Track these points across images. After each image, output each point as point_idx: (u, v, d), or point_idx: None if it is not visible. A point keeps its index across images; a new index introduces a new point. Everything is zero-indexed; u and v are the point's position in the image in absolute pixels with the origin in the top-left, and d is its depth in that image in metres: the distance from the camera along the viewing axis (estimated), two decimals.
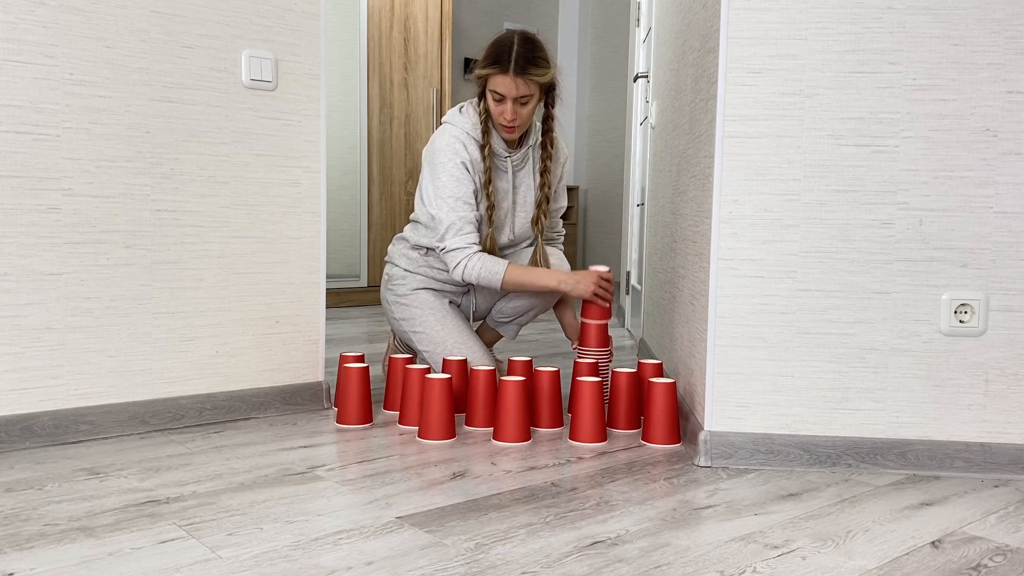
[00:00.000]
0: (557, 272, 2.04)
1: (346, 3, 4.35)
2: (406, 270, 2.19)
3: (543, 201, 2.15)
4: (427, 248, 2.17)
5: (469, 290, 2.25)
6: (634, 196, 3.61)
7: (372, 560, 1.16)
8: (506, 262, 2.02)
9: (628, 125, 3.91)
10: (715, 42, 1.66)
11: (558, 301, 2.25)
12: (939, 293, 1.62)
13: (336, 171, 4.33)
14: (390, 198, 4.51)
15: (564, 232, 2.34)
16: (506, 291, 2.15)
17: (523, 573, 1.13)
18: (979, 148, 1.59)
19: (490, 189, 2.07)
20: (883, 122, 1.60)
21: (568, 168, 2.28)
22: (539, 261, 2.15)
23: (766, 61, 1.60)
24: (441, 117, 2.26)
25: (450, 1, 4.64)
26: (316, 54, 2.03)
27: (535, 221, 2.16)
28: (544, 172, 2.15)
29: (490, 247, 2.10)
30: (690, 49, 2.03)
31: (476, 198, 2.07)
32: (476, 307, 2.28)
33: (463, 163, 2.03)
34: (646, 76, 3.34)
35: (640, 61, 3.59)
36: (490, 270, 2.01)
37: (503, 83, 1.97)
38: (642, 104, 3.43)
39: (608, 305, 2.04)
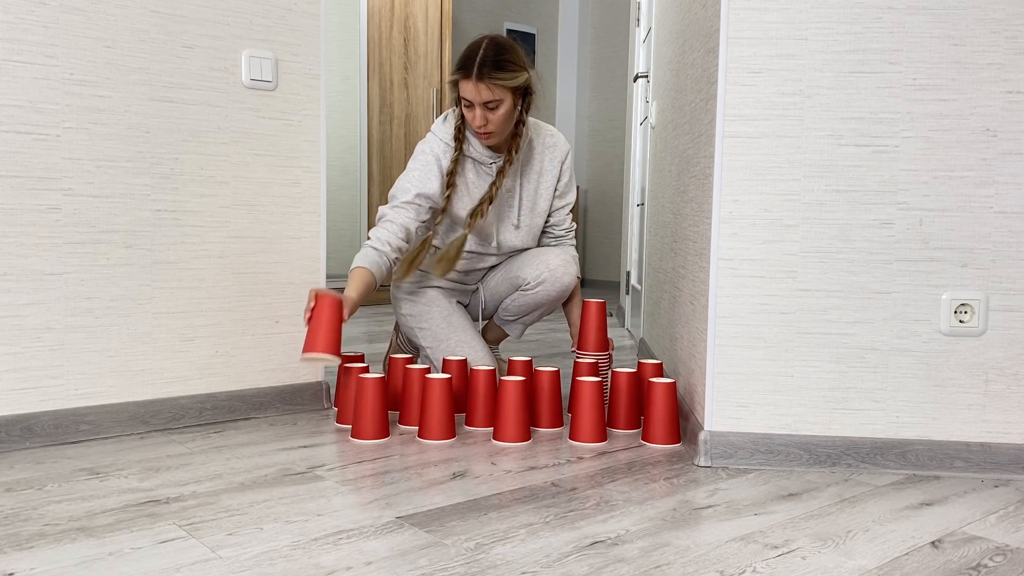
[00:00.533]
0: (352, 287, 1.92)
1: (346, 3, 4.35)
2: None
3: (486, 200, 2.08)
4: (435, 248, 2.19)
5: (478, 288, 2.27)
6: (634, 196, 3.61)
7: (372, 560, 1.16)
8: (359, 264, 1.95)
9: (628, 125, 3.91)
10: (715, 42, 1.67)
11: (566, 300, 2.25)
12: (939, 293, 1.62)
13: (336, 171, 4.33)
14: None
15: (574, 227, 2.32)
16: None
17: (523, 573, 1.13)
18: (979, 148, 1.59)
19: (449, 193, 2.06)
20: (883, 122, 1.60)
21: (570, 163, 2.25)
22: (449, 252, 2.07)
23: (766, 61, 1.60)
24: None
25: (450, 1, 4.64)
26: (316, 54, 2.03)
27: (472, 215, 2.08)
28: (499, 173, 2.09)
29: (421, 246, 2.08)
30: (690, 49, 2.03)
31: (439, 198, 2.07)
32: (485, 305, 2.29)
33: (423, 188, 2.04)
34: (646, 76, 3.34)
35: (640, 61, 3.59)
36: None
37: (467, 88, 1.96)
38: (642, 104, 3.44)
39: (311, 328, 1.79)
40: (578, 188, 6.28)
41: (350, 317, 1.85)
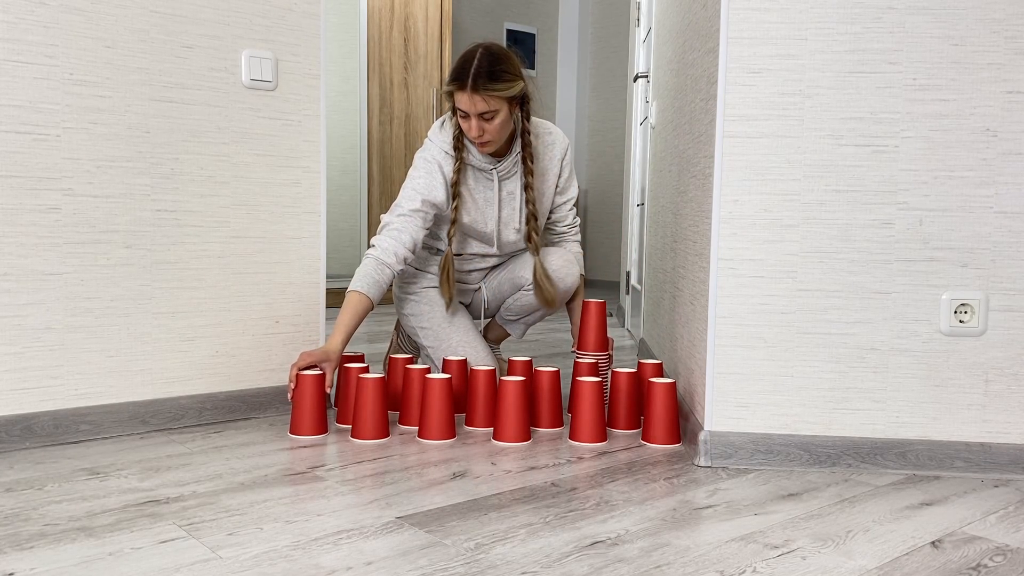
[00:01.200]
0: (341, 325, 1.91)
1: (346, 3, 4.35)
2: (417, 268, 2.22)
3: (531, 218, 2.12)
4: (437, 248, 2.19)
5: (480, 288, 2.27)
6: (634, 196, 3.61)
7: (372, 560, 1.16)
8: (357, 287, 1.94)
9: (628, 125, 3.91)
10: (715, 42, 1.67)
11: (570, 299, 2.25)
12: (939, 293, 1.62)
13: (336, 171, 4.33)
14: (390, 198, 4.51)
15: (578, 222, 2.31)
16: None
17: (523, 573, 1.13)
18: (979, 148, 1.59)
19: (456, 203, 2.06)
20: (883, 122, 1.60)
21: (569, 158, 2.24)
22: (539, 277, 2.11)
23: (766, 61, 1.60)
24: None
25: (450, 1, 4.64)
26: (316, 54, 2.03)
27: (527, 238, 2.14)
28: (527, 188, 2.11)
29: (446, 263, 2.09)
30: (690, 49, 2.03)
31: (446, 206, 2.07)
32: (488, 304, 2.29)
33: (429, 195, 2.03)
34: (646, 76, 3.34)
35: (640, 61, 3.59)
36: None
37: (462, 100, 1.95)
38: (642, 104, 3.44)
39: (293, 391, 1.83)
40: (579, 188, 6.27)
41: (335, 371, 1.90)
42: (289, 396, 1.83)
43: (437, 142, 2.08)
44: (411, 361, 2.11)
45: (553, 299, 2.13)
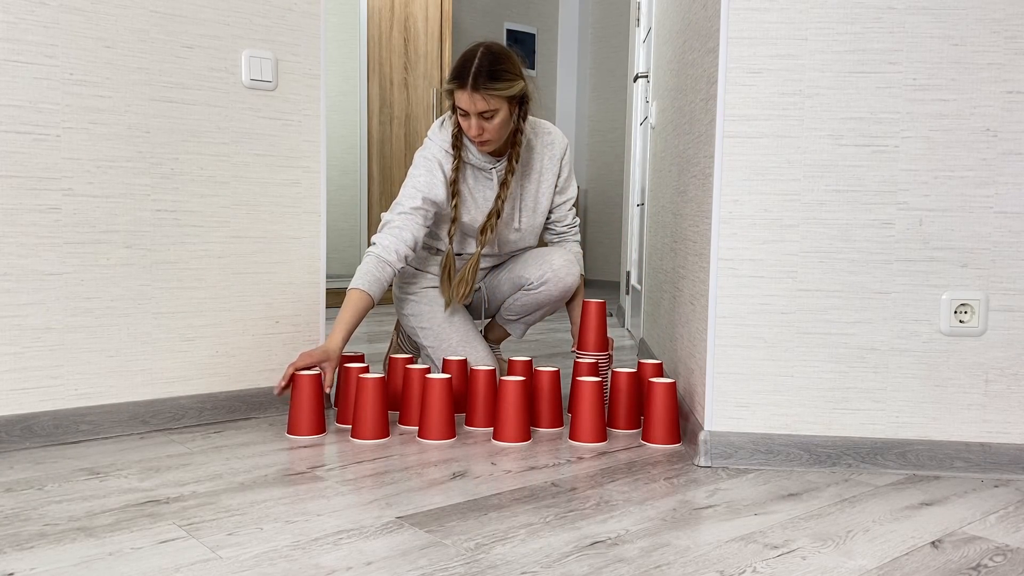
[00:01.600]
0: (341, 323, 1.91)
1: (346, 3, 4.35)
2: (416, 268, 2.22)
3: (494, 214, 2.09)
4: (437, 248, 2.19)
5: (480, 288, 2.27)
6: (634, 196, 3.61)
7: (372, 560, 1.16)
8: (358, 285, 1.94)
9: (628, 125, 3.91)
10: (715, 42, 1.67)
11: (570, 299, 2.25)
12: (939, 293, 1.62)
13: (336, 171, 4.33)
14: (390, 198, 4.51)
15: (578, 222, 2.31)
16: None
17: (523, 573, 1.13)
18: (979, 148, 1.59)
19: (456, 202, 2.06)
20: (883, 122, 1.60)
21: (569, 158, 2.24)
22: (466, 275, 2.09)
23: (766, 61, 1.60)
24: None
25: (450, 1, 4.64)
26: (316, 54, 2.03)
27: (481, 230, 2.10)
28: (503, 185, 2.09)
29: (447, 261, 2.10)
30: (690, 49, 2.03)
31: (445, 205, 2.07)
32: (488, 304, 2.29)
33: (430, 193, 2.03)
34: (646, 76, 3.34)
35: (640, 61, 3.59)
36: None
37: (462, 98, 1.95)
38: (642, 104, 3.44)
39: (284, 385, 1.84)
40: (578, 188, 6.27)
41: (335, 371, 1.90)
42: (276, 392, 1.83)
43: (437, 141, 2.08)
44: (411, 361, 2.11)
45: (449, 300, 2.12)
